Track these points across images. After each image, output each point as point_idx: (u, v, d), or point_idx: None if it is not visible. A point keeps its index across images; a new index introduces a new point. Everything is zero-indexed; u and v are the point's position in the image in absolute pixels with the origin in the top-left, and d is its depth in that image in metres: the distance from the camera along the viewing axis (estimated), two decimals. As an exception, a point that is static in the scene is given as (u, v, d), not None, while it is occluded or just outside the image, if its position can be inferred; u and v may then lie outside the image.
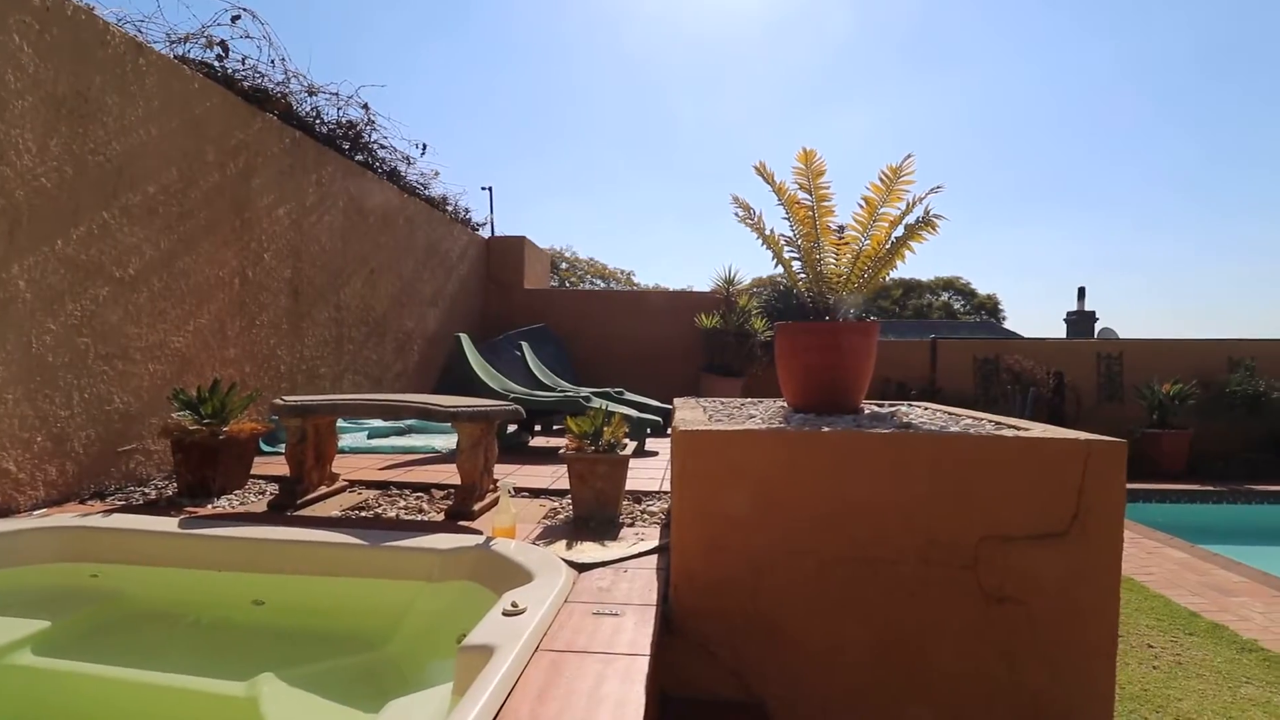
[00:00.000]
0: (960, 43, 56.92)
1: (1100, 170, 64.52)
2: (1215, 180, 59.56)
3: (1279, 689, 2.64)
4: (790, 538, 1.78)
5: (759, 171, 2.39)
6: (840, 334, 2.26)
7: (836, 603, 1.77)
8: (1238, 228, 60.38)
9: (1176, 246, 64.08)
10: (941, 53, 58.83)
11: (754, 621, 1.80)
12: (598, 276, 25.31)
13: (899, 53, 60.28)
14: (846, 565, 1.77)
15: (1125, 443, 1.71)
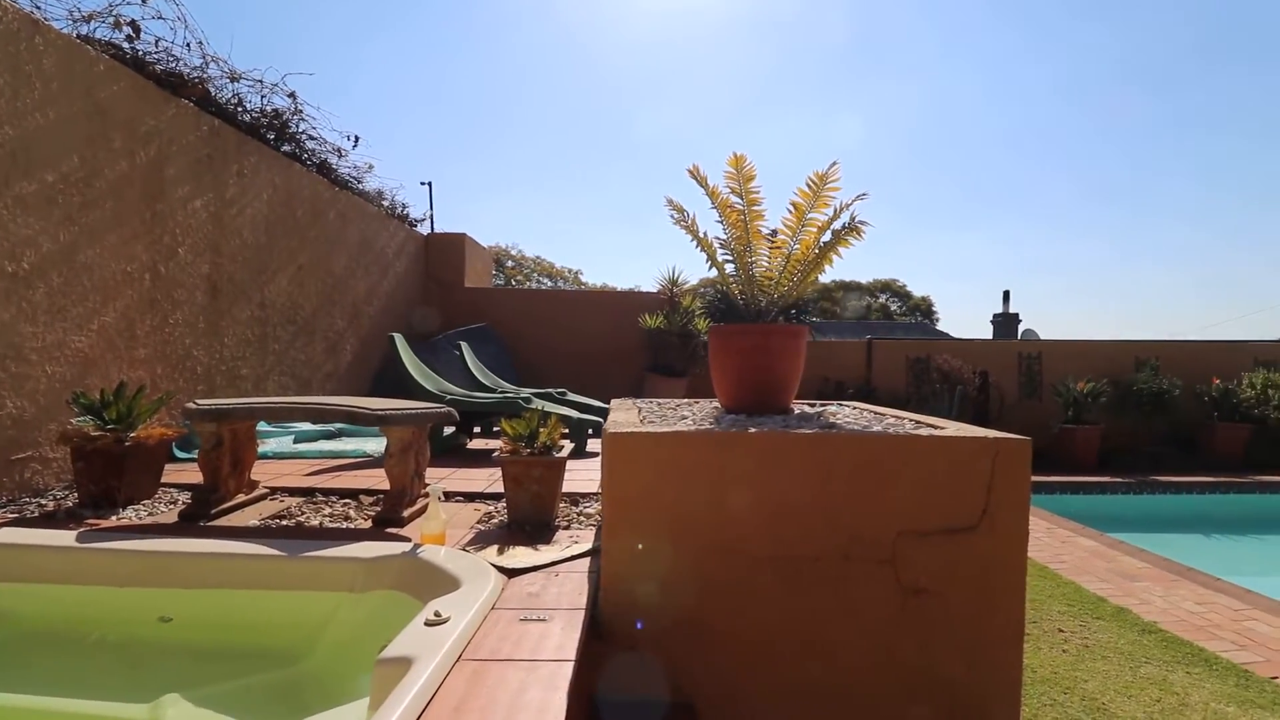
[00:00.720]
0: (901, 54, 59.19)
1: (1030, 178, 68.36)
2: (1137, 188, 63.93)
3: (1175, 667, 2.84)
4: (717, 537, 1.79)
5: (693, 175, 2.41)
6: (771, 336, 2.30)
7: (763, 600, 1.80)
8: (1157, 233, 64.95)
9: (1097, 251, 68.49)
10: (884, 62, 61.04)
11: (684, 623, 1.81)
12: (545, 275, 25.07)
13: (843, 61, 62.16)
14: (773, 563, 1.80)
15: (1030, 440, 1.80)
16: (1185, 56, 48.53)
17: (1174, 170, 59.80)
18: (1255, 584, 3.99)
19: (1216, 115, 53.12)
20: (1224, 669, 2.82)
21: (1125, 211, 65.28)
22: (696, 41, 56.52)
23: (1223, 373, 9.09)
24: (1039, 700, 2.50)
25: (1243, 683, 2.70)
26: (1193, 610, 3.52)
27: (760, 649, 1.81)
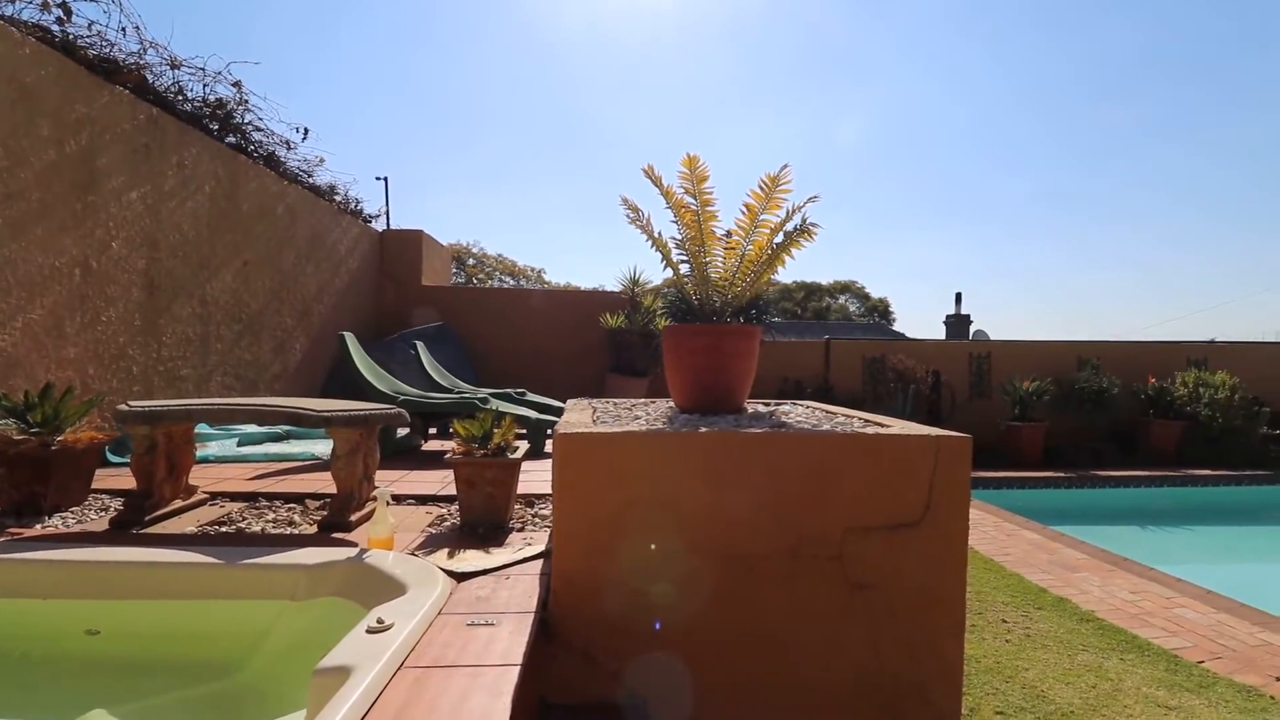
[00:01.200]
0: (861, 60, 60.46)
1: (986, 183, 70.74)
2: (1088, 194, 66.70)
3: (1109, 654, 2.96)
4: (669, 537, 1.79)
5: (647, 174, 2.40)
6: (724, 336, 2.31)
7: (714, 599, 1.80)
8: (1104, 238, 67.90)
9: (1048, 254, 71.29)
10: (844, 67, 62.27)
11: (635, 623, 1.80)
12: (507, 273, 24.76)
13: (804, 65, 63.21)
14: (724, 561, 1.80)
15: (970, 438, 1.85)
16: (1136, 69, 51.01)
17: (1123, 177, 62.79)
18: (1185, 572, 4.19)
19: (1165, 126, 55.95)
20: (1155, 654, 2.96)
21: (1076, 216, 68.23)
22: (662, 41, 56.80)
23: (1158, 372, 9.54)
24: (982, 689, 2.57)
25: (1172, 667, 2.83)
26: (1127, 599, 3.68)
27: (712, 646, 1.82)
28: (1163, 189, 60.41)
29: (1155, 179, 59.77)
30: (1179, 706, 2.49)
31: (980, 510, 5.85)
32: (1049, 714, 2.39)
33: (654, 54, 60.72)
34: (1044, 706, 2.45)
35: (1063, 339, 10.37)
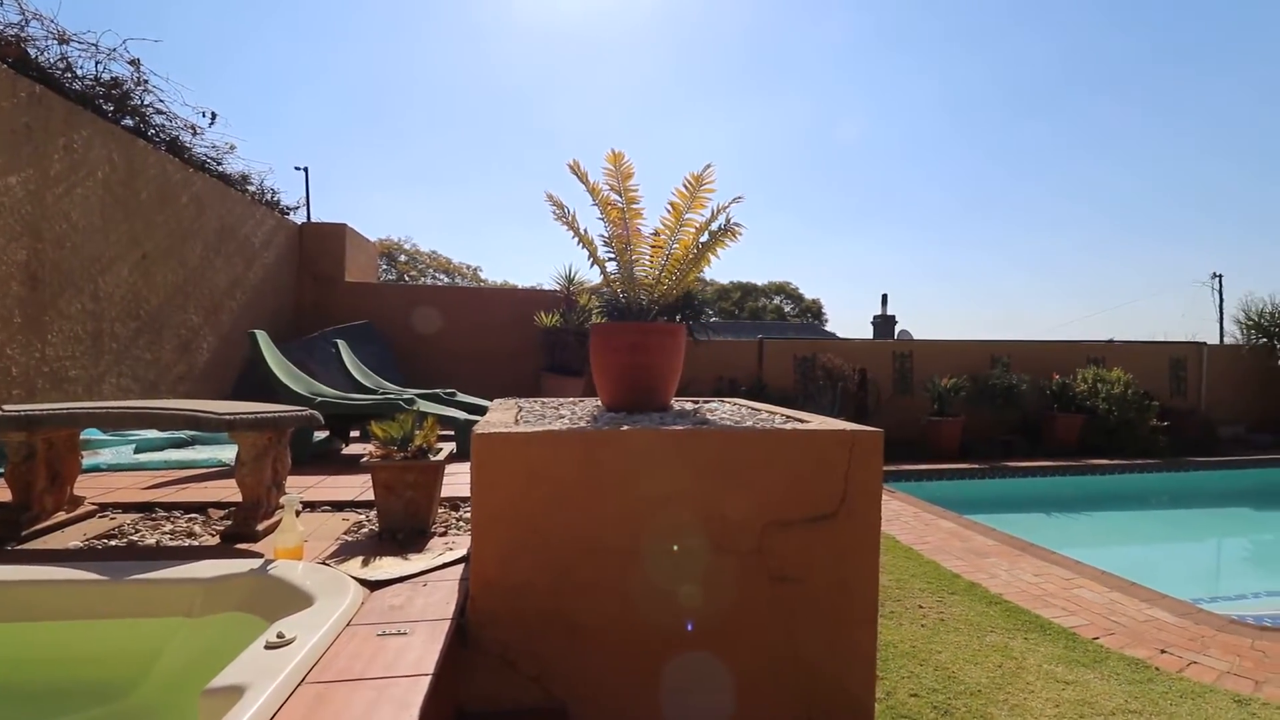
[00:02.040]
0: (799, 68, 62.14)
1: (913, 190, 74.18)
2: (1009, 201, 70.72)
3: (1015, 635, 3.13)
4: (591, 536, 1.77)
5: (573, 170, 2.37)
6: (649, 335, 2.31)
7: (636, 597, 1.79)
8: (1023, 242, 72.18)
9: (971, 257, 75.34)
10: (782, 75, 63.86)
11: (555, 625, 1.77)
12: (441, 271, 24.07)
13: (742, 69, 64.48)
14: (645, 559, 1.80)
15: (881, 432, 1.91)
16: (1055, 85, 54.63)
17: (1042, 186, 67.05)
18: (1085, 555, 4.50)
19: (1080, 137, 60.12)
20: (1056, 633, 3.15)
21: (997, 222, 72.35)
22: (602, 41, 56.58)
23: (1062, 369, 10.24)
24: (899, 673, 2.67)
25: (1070, 645, 3.03)
26: (1031, 581, 3.91)
27: (634, 645, 1.81)
28: (1076, 196, 65.11)
29: (1070, 188, 64.36)
30: (1075, 681, 2.66)
31: (902, 501, 6.11)
32: (958, 694, 2.51)
33: (596, 52, 60.47)
34: (954, 687, 2.57)
35: (978, 339, 10.97)
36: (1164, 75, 46.89)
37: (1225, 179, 55.01)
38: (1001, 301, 69.24)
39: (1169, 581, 4.09)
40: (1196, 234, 58.35)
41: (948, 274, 75.99)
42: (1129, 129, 53.51)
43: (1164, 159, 55.18)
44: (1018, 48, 49.94)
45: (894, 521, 5.34)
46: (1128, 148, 55.32)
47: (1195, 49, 44.70)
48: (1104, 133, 56.04)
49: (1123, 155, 56.32)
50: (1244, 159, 52.35)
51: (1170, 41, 43.49)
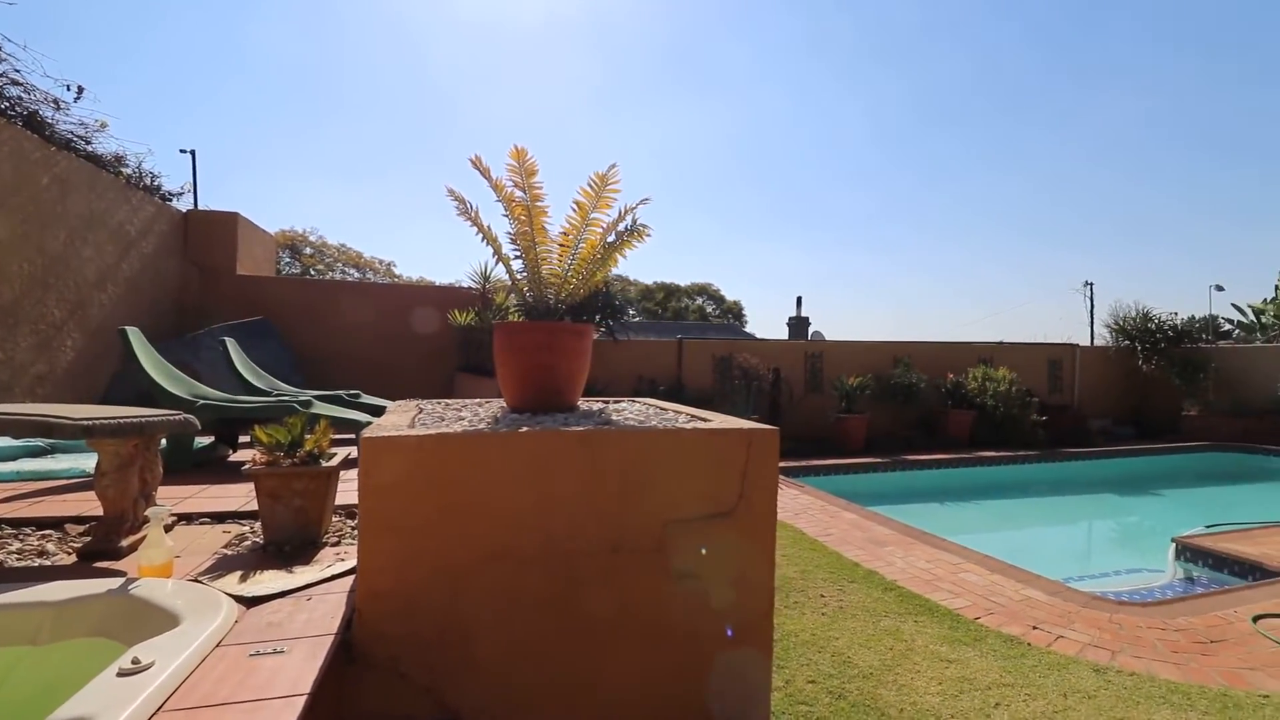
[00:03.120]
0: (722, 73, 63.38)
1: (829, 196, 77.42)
2: (919, 209, 74.94)
3: (906, 619, 3.32)
4: (486, 541, 1.72)
5: (475, 165, 2.31)
6: (555, 334, 2.28)
7: (533, 601, 1.76)
8: (929, 249, 76.70)
9: (882, 262, 79.48)
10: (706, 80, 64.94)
11: (449, 634, 1.71)
12: (351, 265, 22.83)
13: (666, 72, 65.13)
14: (543, 563, 1.77)
15: (777, 430, 1.98)
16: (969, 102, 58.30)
17: (947, 194, 71.48)
18: (972, 541, 4.84)
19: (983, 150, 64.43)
20: (942, 615, 3.37)
21: (906, 227, 76.66)
22: (528, 36, 55.45)
23: (955, 368, 10.99)
24: (798, 661, 2.77)
25: (955, 625, 3.24)
26: (923, 568, 4.17)
27: (531, 651, 1.77)
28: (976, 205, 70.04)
29: (971, 196, 69.14)
30: (957, 659, 2.85)
31: (811, 495, 6.36)
32: (851, 677, 2.63)
33: (523, 49, 59.27)
34: (849, 671, 2.69)
35: (883, 340, 11.60)
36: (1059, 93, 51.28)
37: (1107, 189, 60.82)
38: (907, 303, 73.64)
39: (1044, 563, 4.46)
40: (1079, 241, 64.18)
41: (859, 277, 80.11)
42: (1026, 143, 58.10)
43: (1055, 171, 60.33)
44: (930, 63, 53.17)
45: (802, 515, 5.54)
46: (1024, 160, 60.12)
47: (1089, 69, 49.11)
48: (1003, 146, 60.61)
49: (1018, 167, 61.16)
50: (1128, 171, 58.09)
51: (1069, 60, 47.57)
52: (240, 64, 45.54)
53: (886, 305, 74.91)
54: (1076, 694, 2.56)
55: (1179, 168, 55.05)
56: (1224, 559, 4.56)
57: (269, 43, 43.76)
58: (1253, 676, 2.76)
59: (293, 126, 54.40)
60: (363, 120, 57.46)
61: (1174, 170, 55.89)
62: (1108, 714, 2.42)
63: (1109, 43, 43.86)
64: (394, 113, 60.33)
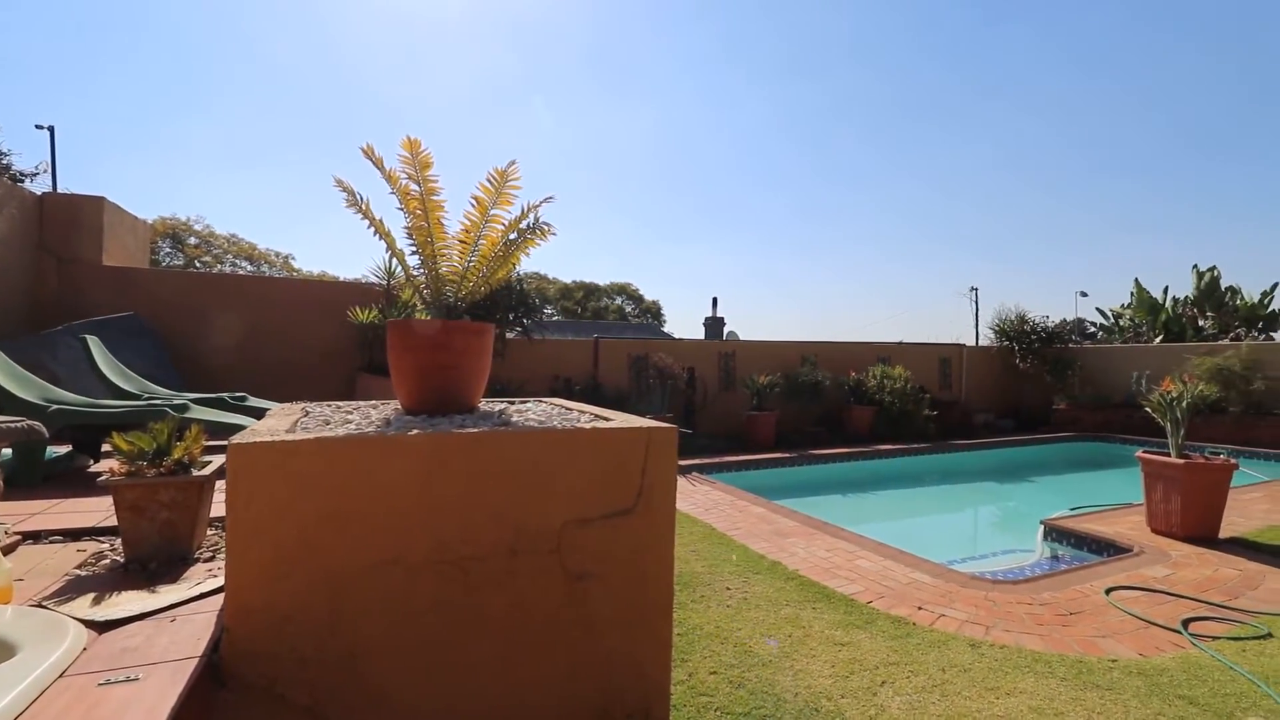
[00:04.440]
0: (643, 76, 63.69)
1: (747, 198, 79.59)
2: (833, 212, 78.18)
3: (805, 606, 3.46)
4: (372, 549, 1.65)
5: (366, 154, 2.20)
6: (452, 333, 2.21)
7: (425, 610, 1.70)
8: (842, 250, 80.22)
9: (797, 263, 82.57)
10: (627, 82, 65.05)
11: (331, 649, 1.62)
12: (243, 257, 21.12)
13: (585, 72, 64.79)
14: (436, 569, 1.71)
15: (675, 428, 2.01)
16: (884, 110, 61.25)
17: (861, 197, 75.06)
18: (870, 530, 5.12)
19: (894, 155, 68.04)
20: (837, 601, 3.54)
21: (820, 229, 80.00)
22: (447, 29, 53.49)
23: (857, 367, 11.60)
24: (702, 653, 2.83)
25: (849, 610, 3.41)
26: (823, 557, 4.36)
27: (424, 661, 1.71)
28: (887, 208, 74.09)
29: (882, 200, 73.03)
30: (849, 642, 3.00)
31: (721, 491, 6.52)
32: (751, 666, 2.72)
33: (437, 41, 57.06)
34: (749, 660, 2.77)
35: (792, 339, 12.08)
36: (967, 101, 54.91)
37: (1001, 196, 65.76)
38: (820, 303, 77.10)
39: (931, 548, 4.79)
40: (974, 243, 69.19)
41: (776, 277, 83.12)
42: (930, 148, 61.96)
43: (954, 176, 64.67)
44: (847, 72, 55.61)
45: (712, 510, 5.67)
46: (928, 165, 64.11)
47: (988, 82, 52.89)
48: (910, 151, 64.40)
49: (923, 172, 65.20)
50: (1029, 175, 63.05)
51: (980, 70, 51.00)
52: (115, 31, 41.35)
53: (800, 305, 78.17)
54: (954, 668, 2.76)
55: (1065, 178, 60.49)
56: (1084, 538, 5.06)
57: (149, 10, 39.98)
58: (1104, 643, 3.08)
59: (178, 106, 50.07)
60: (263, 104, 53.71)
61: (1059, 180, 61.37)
62: (980, 685, 2.62)
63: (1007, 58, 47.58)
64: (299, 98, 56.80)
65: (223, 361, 6.68)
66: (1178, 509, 4.85)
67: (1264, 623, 3.32)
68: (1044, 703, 2.48)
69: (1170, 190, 52.45)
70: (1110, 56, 44.41)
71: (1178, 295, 17.59)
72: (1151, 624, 3.29)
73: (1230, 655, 2.93)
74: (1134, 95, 45.83)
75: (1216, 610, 3.48)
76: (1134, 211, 57.32)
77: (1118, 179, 55.03)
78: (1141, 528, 5.14)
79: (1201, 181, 50.66)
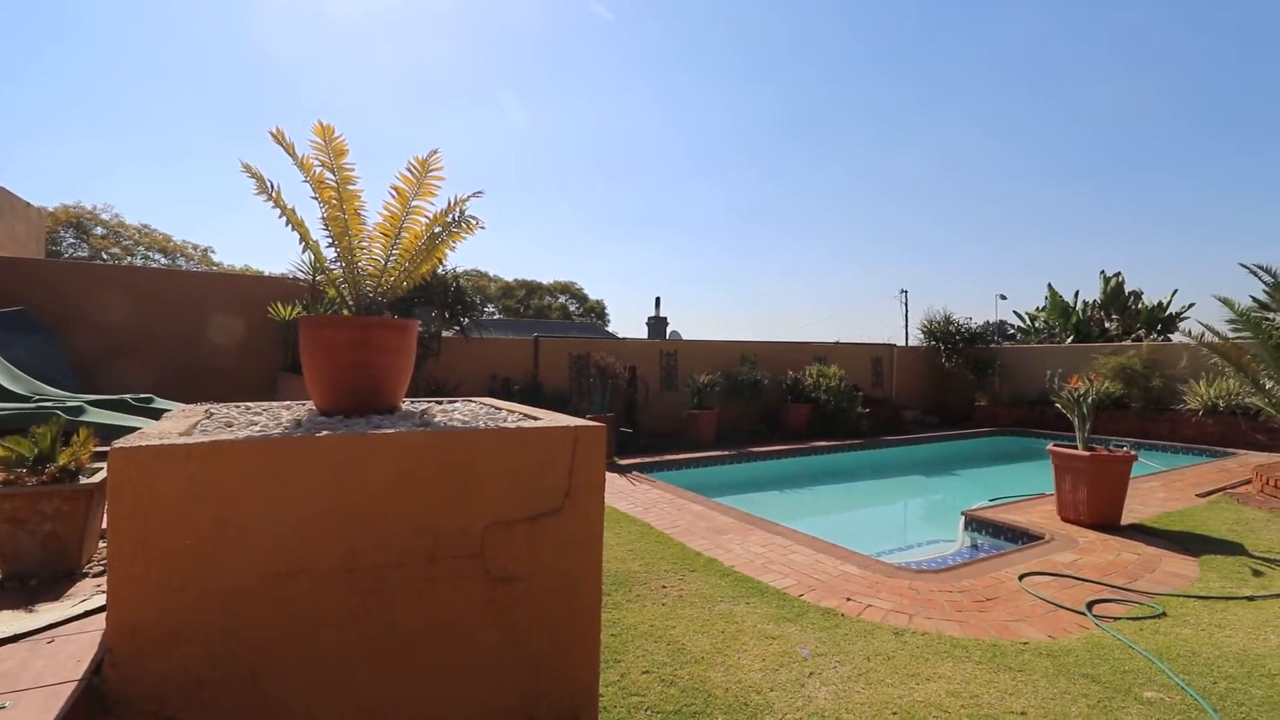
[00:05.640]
0: (588, 74, 63.25)
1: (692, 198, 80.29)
2: (779, 213, 79.59)
3: (739, 601, 3.50)
4: (275, 559, 1.55)
5: (276, 139, 2.08)
6: (370, 330, 2.11)
7: (336, 623, 1.61)
8: (787, 252, 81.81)
9: (742, 264, 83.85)
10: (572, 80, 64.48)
11: (230, 667, 1.51)
12: (156, 249, 19.64)
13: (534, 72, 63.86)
14: (347, 578, 1.63)
15: (605, 426, 1.98)
16: (831, 114, 62.62)
17: (809, 200, 76.70)
18: (804, 525, 5.23)
19: (838, 158, 69.73)
20: (770, 595, 3.60)
21: (767, 230, 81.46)
22: (383, 18, 51.49)
23: (795, 366, 11.89)
24: (635, 653, 2.82)
25: (781, 604, 3.47)
26: (758, 552, 4.43)
27: (335, 677, 1.62)
28: (830, 209, 76.02)
29: (827, 201, 74.89)
30: (780, 635, 3.05)
31: (661, 489, 6.54)
32: (684, 663, 2.72)
33: (371, 30, 54.90)
34: (682, 657, 2.78)
35: (733, 339, 12.26)
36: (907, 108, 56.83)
37: (943, 198, 68.51)
38: (763, 302, 78.70)
39: (862, 540, 4.94)
40: (914, 246, 72.01)
41: (722, 277, 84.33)
42: (876, 153, 63.86)
43: (897, 178, 66.95)
44: (796, 76, 56.74)
45: (651, 509, 5.68)
46: (873, 169, 66.13)
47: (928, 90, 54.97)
48: (856, 154, 66.22)
49: (867, 174, 67.25)
50: (963, 180, 65.78)
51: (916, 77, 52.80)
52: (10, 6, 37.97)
53: (743, 305, 79.56)
54: (878, 656, 2.85)
55: (994, 184, 63.60)
56: (1001, 527, 5.33)
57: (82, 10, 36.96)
58: (1017, 627, 3.24)
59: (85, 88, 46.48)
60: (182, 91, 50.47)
61: (989, 186, 64.49)
62: (902, 672, 2.71)
63: (946, 67, 49.70)
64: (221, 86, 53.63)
65: (129, 361, 6.22)
66: (1084, 498, 5.18)
67: (1159, 602, 3.58)
68: (960, 686, 2.59)
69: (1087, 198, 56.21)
70: (1045, 70, 47.23)
71: (1088, 299, 18.84)
72: (1060, 607, 3.49)
73: (1129, 634, 3.13)
74: (1064, 108, 48.91)
75: (1118, 592, 3.73)
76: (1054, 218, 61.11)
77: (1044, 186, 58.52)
78: (1052, 516, 5.46)
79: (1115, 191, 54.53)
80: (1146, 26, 39.70)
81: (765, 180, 74.09)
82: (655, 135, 72.11)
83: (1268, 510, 5.71)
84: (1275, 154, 43.42)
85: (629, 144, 74.66)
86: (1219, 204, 50.47)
